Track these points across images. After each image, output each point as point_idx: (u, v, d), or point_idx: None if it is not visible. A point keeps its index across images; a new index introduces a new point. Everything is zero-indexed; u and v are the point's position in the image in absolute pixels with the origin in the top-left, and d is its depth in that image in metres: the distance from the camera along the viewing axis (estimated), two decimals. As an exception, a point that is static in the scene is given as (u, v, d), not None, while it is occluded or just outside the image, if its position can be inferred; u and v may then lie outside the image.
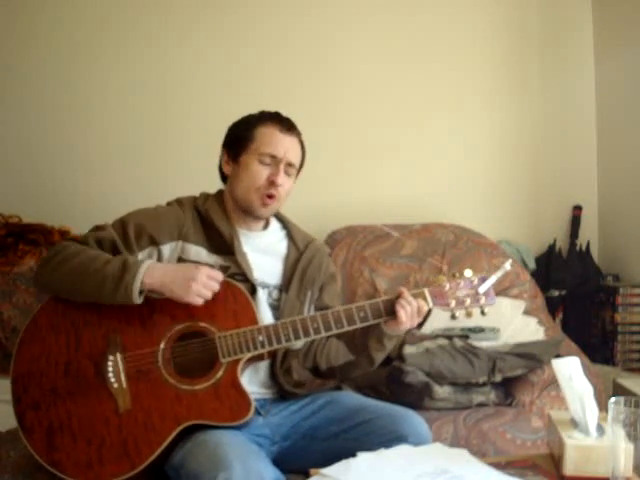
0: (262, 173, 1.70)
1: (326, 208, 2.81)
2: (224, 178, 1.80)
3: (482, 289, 1.61)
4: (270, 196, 1.70)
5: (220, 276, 1.56)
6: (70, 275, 1.54)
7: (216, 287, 1.55)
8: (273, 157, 1.70)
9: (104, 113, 2.81)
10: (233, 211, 1.74)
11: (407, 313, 1.57)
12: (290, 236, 1.82)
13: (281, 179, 1.70)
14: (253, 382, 1.66)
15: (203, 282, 1.52)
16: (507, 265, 1.62)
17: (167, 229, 1.66)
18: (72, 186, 2.79)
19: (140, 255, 1.64)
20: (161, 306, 1.58)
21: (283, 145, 1.71)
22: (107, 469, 1.48)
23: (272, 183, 1.69)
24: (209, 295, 1.54)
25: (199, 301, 1.53)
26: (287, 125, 1.74)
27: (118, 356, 1.54)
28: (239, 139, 1.73)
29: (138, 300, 1.51)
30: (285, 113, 1.78)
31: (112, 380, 1.53)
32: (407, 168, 2.96)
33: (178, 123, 2.82)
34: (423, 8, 2.96)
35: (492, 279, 1.62)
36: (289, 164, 1.72)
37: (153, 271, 1.52)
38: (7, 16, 2.77)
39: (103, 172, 2.81)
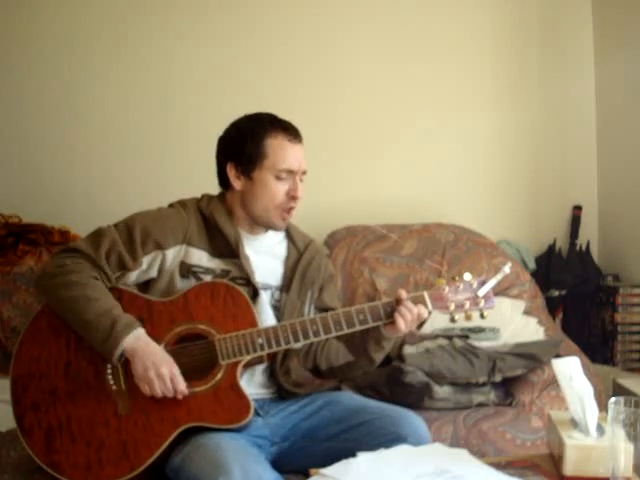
0: (281, 189, 1.68)
1: (326, 208, 2.81)
2: (225, 185, 1.75)
3: (481, 292, 1.61)
4: (291, 209, 1.70)
5: (182, 389, 1.50)
6: (64, 305, 1.54)
7: (169, 391, 1.49)
8: (290, 172, 1.68)
9: (104, 113, 2.81)
10: (239, 216, 1.73)
11: (407, 321, 1.57)
12: (290, 237, 1.82)
13: (300, 192, 1.69)
14: (251, 384, 1.66)
15: (163, 376, 1.49)
16: (506, 268, 1.62)
17: (172, 233, 1.64)
18: (72, 186, 2.79)
19: (144, 260, 1.63)
20: (161, 309, 1.58)
21: (296, 157, 1.69)
22: (106, 471, 1.48)
23: (293, 198, 1.68)
24: (157, 391, 1.49)
25: (145, 389, 1.50)
26: (293, 132, 1.71)
27: (117, 358, 1.55)
28: (249, 154, 1.68)
29: (116, 363, 1.52)
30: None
31: (111, 382, 1.53)
32: (407, 168, 2.96)
33: (178, 123, 2.82)
34: (423, 8, 2.95)
35: (492, 282, 1.62)
36: (303, 172, 1.72)
37: (136, 341, 1.50)
38: (7, 16, 2.77)
39: (103, 172, 2.81)
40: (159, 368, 1.48)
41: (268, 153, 1.67)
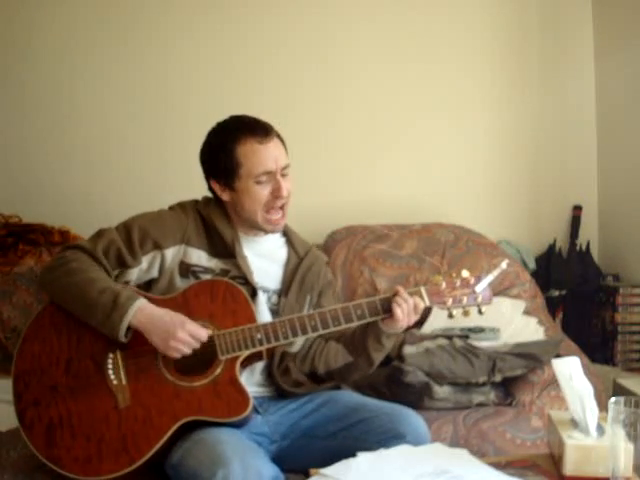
0: (264, 192, 1.68)
1: (326, 208, 2.81)
2: (216, 197, 1.76)
3: (479, 288, 1.63)
4: (281, 207, 1.69)
5: (204, 336, 1.53)
6: (66, 293, 1.56)
7: (195, 345, 1.52)
8: (268, 173, 1.67)
9: (104, 113, 2.81)
10: (235, 218, 1.74)
11: (403, 311, 1.58)
12: (290, 243, 1.83)
13: (285, 190, 1.69)
14: (249, 383, 1.66)
15: (182, 339, 1.50)
16: (503, 264, 1.63)
17: (171, 233, 1.66)
18: (72, 186, 2.79)
19: (144, 259, 1.64)
20: (160, 306, 1.58)
21: (271, 156, 1.67)
22: (106, 465, 1.49)
23: (278, 197, 1.68)
24: (186, 351, 1.52)
25: (175, 355, 1.52)
26: (262, 132, 1.68)
27: (118, 353, 1.56)
28: (225, 168, 1.68)
29: (123, 339, 1.52)
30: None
31: (112, 377, 1.54)
32: (407, 168, 2.96)
33: (178, 123, 2.82)
34: (423, 8, 2.95)
35: (488, 278, 1.63)
36: (283, 168, 1.70)
37: (142, 312, 1.52)
38: (7, 16, 2.77)
39: (103, 172, 2.81)
40: (175, 334, 1.50)
41: (241, 162, 1.66)
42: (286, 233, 1.83)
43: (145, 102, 2.83)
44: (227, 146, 1.68)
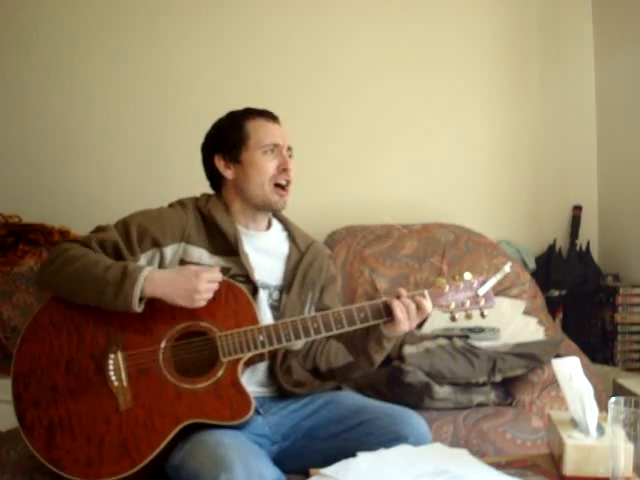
0: (271, 163, 1.71)
1: (326, 208, 2.81)
2: (216, 185, 1.79)
3: (482, 291, 1.62)
4: (285, 185, 1.72)
5: (219, 276, 1.57)
6: (71, 279, 1.55)
7: (216, 287, 1.56)
8: (276, 145, 1.72)
9: (104, 113, 2.81)
10: (237, 211, 1.74)
11: (405, 315, 1.57)
12: (291, 237, 1.82)
13: (291, 164, 1.73)
14: (251, 382, 1.66)
15: (204, 289, 1.53)
16: (507, 268, 1.63)
17: (170, 231, 1.66)
18: (72, 186, 2.79)
19: (142, 257, 1.64)
20: (162, 305, 1.58)
21: (279, 133, 1.75)
22: (107, 467, 1.48)
23: (284, 170, 1.72)
24: (210, 296, 1.55)
25: (203, 304, 1.55)
26: (270, 115, 1.77)
27: (119, 354, 1.55)
28: (232, 141, 1.73)
29: (138, 309, 1.51)
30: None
31: (113, 378, 1.53)
32: (407, 168, 2.96)
33: (178, 123, 2.82)
34: (423, 8, 2.96)
35: (492, 281, 1.63)
36: (289, 148, 1.76)
37: (153, 279, 1.52)
38: (7, 16, 2.77)
39: (103, 172, 2.81)
40: (197, 288, 1.52)
41: (250, 134, 1.72)
42: (287, 227, 1.83)
43: (145, 102, 2.83)
44: (236, 121, 1.75)
